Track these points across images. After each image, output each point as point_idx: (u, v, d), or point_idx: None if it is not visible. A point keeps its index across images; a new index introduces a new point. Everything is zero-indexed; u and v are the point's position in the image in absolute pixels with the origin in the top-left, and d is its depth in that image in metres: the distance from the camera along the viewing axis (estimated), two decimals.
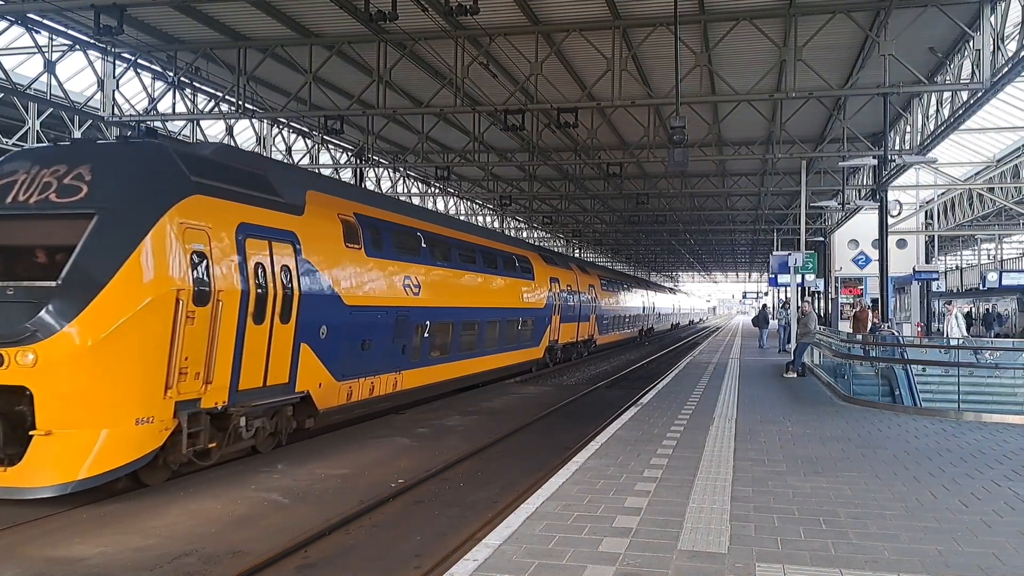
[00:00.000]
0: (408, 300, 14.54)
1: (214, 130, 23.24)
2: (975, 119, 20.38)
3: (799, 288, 25.51)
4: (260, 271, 10.24)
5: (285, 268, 10.76)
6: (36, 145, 16.40)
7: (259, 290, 10.15)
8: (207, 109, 20.20)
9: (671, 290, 75.86)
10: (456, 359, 17.38)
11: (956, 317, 22.60)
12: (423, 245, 15.70)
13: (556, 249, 51.80)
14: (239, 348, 9.80)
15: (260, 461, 10.91)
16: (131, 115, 18.60)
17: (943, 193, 33.28)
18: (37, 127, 18.07)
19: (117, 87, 18.25)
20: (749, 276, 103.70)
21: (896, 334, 20.58)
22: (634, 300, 43.49)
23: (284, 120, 24.38)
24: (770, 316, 33.86)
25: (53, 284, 8.38)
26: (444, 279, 16.50)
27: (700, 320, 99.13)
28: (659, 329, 56.72)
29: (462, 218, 39.16)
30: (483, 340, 18.87)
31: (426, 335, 15.38)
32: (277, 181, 11.51)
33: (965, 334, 21.95)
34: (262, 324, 10.21)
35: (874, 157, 20.17)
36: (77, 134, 18.42)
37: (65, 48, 17.33)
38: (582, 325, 29.35)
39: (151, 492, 9.15)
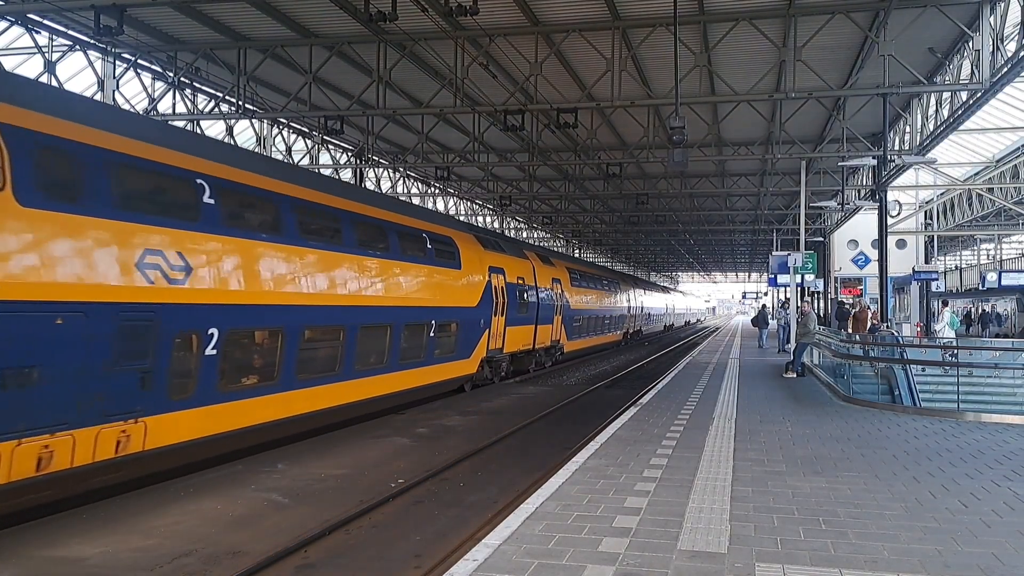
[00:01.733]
0: (155, 292, 8.57)
1: (214, 130, 23.26)
2: (974, 119, 20.41)
3: (799, 288, 25.52)
4: None
5: None
6: None
7: None
8: (207, 109, 20.20)
9: (663, 288, 70.57)
10: (297, 387, 11.23)
11: (944, 316, 22.73)
12: (207, 200, 9.56)
13: (557, 249, 51.35)
14: None
15: (260, 461, 10.92)
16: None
17: (942, 193, 33.30)
18: None
19: (117, 87, 18.25)
20: (749, 276, 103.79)
21: (895, 334, 20.59)
22: (616, 298, 38.02)
23: (284, 120, 24.39)
24: (769, 316, 33.89)
25: None
26: (261, 259, 10.40)
27: (697, 321, 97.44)
28: (649, 332, 51.72)
29: (461, 218, 39.01)
30: (355, 354, 12.70)
31: (212, 351, 9.38)
32: None
33: (948, 335, 22.05)
34: None
35: (873, 157, 20.18)
36: None
37: (65, 48, 17.35)
38: (542, 328, 24.02)
39: (151, 492, 9.15)
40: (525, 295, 22.16)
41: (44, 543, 7.38)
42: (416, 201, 34.06)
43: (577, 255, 57.82)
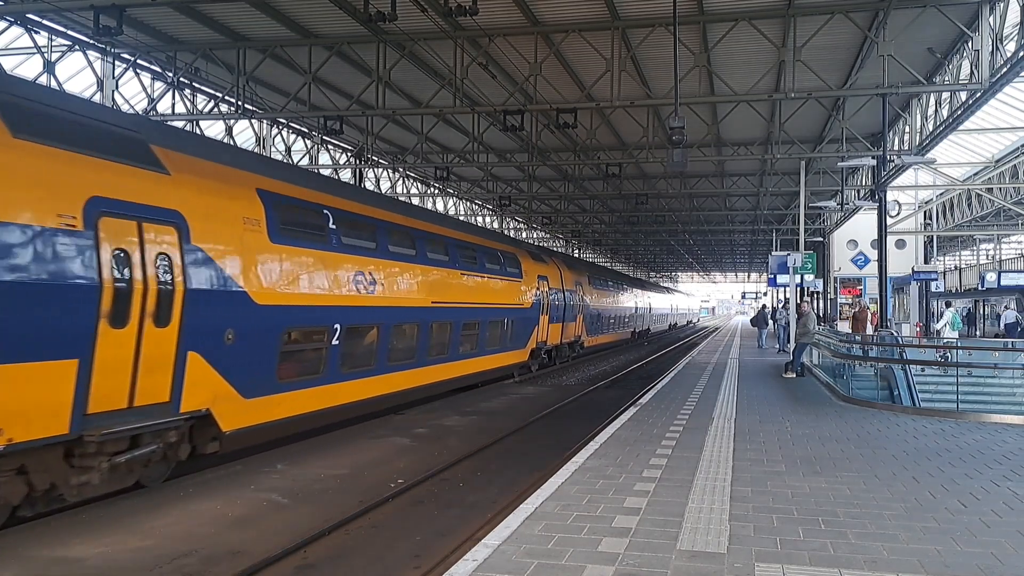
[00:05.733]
0: None
1: (214, 130, 23.25)
2: (974, 119, 20.40)
3: (799, 288, 25.53)
4: None
5: None
6: None
7: None
8: (207, 109, 20.20)
9: (635, 280, 52.19)
10: None
11: (945, 315, 22.76)
12: None
13: (557, 249, 48.75)
14: None
15: (259, 461, 10.92)
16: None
17: (942, 194, 33.32)
18: None
19: (116, 87, 18.25)
20: (748, 276, 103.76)
21: (895, 334, 20.58)
22: (510, 288, 20.60)
23: (284, 120, 24.39)
24: (768, 316, 33.92)
25: None
26: None
27: (690, 323, 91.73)
28: (601, 342, 34.27)
29: (462, 218, 38.88)
30: None
31: None
32: None
33: (950, 335, 22.05)
34: None
35: (873, 157, 20.19)
36: None
37: (65, 48, 17.35)
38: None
39: (151, 492, 9.15)
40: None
41: (44, 543, 7.38)
42: (416, 201, 33.98)
43: (577, 255, 55.94)
